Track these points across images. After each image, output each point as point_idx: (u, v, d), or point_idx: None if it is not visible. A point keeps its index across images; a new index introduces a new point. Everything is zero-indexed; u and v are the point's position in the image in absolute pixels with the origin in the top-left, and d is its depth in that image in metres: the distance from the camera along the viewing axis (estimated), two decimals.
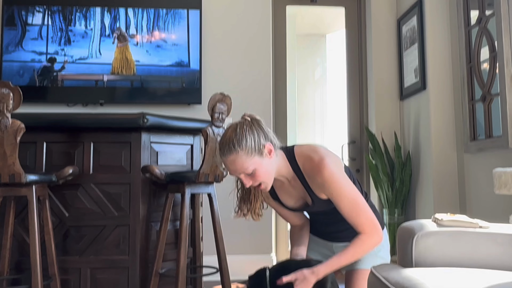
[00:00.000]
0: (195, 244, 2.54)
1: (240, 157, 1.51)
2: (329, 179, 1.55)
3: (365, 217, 1.59)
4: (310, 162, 1.59)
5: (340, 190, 1.57)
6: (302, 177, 1.63)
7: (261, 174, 1.55)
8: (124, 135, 2.33)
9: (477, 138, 2.89)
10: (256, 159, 1.53)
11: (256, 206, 1.68)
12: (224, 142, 1.54)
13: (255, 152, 1.52)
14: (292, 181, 1.66)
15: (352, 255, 1.59)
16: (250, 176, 1.55)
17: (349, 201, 1.57)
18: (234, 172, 1.56)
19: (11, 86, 1.97)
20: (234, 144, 1.51)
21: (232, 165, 1.53)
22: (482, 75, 2.86)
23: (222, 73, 3.65)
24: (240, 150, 1.51)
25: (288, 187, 1.69)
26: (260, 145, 1.54)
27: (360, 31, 3.93)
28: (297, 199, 1.70)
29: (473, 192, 2.90)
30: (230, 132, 1.55)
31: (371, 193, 3.70)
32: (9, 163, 1.95)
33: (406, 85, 3.55)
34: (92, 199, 2.30)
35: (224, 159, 1.55)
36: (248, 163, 1.51)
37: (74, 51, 3.52)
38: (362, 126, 3.83)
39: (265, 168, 1.55)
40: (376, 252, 1.71)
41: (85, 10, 3.54)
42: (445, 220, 1.45)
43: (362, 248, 1.59)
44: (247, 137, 1.52)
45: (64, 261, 2.24)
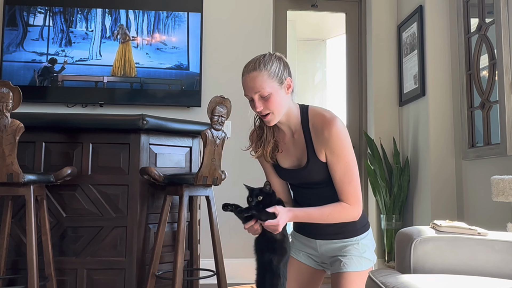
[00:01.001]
0: (192, 247, 2.53)
1: (262, 76, 1.55)
2: (335, 135, 1.57)
3: (354, 187, 1.60)
4: (321, 118, 1.62)
5: (342, 150, 1.58)
6: (308, 132, 1.64)
7: (274, 102, 1.57)
8: (123, 137, 2.33)
9: (475, 145, 2.89)
10: (275, 85, 1.57)
11: (268, 147, 1.69)
12: (251, 61, 1.60)
13: (276, 78, 1.57)
14: (295, 135, 1.67)
15: (327, 215, 1.59)
16: (263, 100, 1.57)
17: (345, 165, 1.59)
18: (250, 90, 1.58)
19: (11, 85, 1.97)
20: (260, 63, 1.57)
21: (252, 82, 1.56)
22: (481, 82, 2.87)
23: (222, 76, 3.65)
24: (264, 69, 1.56)
25: (289, 141, 1.69)
26: (283, 76, 1.59)
27: (360, 37, 3.95)
28: (294, 158, 1.69)
29: (470, 199, 2.91)
30: (259, 56, 1.62)
31: (368, 199, 3.70)
32: (8, 162, 1.94)
33: (405, 91, 3.56)
34: (90, 200, 2.29)
35: (246, 76, 1.58)
36: (267, 85, 1.55)
37: (75, 52, 3.52)
38: (361, 131, 3.84)
39: (280, 98, 1.58)
40: (361, 253, 1.69)
41: (86, 11, 3.55)
42: (443, 226, 1.45)
43: (339, 214, 1.60)
44: (273, 62, 1.59)
45: (60, 262, 2.23)
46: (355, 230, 1.70)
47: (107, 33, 3.56)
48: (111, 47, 3.56)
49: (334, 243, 1.71)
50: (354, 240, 1.70)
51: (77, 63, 3.51)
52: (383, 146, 3.57)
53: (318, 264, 1.81)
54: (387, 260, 3.35)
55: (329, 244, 1.72)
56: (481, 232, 1.43)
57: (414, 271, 1.41)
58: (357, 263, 1.66)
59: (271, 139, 1.70)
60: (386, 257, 3.36)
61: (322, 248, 1.75)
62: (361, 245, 1.70)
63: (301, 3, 3.96)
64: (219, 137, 2.21)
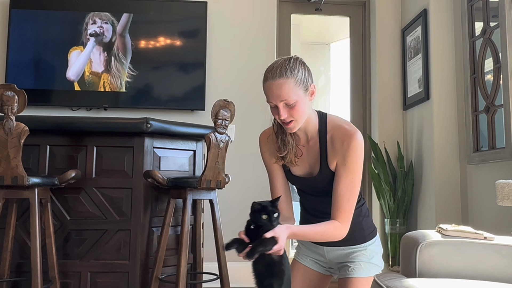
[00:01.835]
0: (196, 250, 2.53)
1: (289, 83, 1.50)
2: (353, 149, 1.54)
3: (350, 206, 1.57)
4: (342, 130, 1.58)
5: (353, 165, 1.55)
6: (324, 141, 1.61)
7: (299, 110, 1.53)
8: (127, 140, 2.33)
9: (480, 149, 2.88)
10: (301, 92, 1.52)
11: (292, 152, 1.64)
12: (275, 67, 1.53)
13: (302, 85, 1.53)
14: (311, 142, 1.64)
15: (320, 234, 1.56)
16: (288, 108, 1.52)
17: (351, 181, 1.56)
18: (276, 98, 1.52)
19: (16, 89, 1.97)
20: (287, 70, 1.51)
21: (278, 90, 1.50)
22: (486, 86, 2.86)
23: (226, 80, 3.66)
24: (291, 76, 1.50)
25: (303, 147, 1.66)
26: (308, 82, 1.55)
27: (364, 41, 3.94)
28: (306, 165, 1.66)
29: (475, 203, 2.89)
30: (282, 60, 1.55)
31: (373, 203, 3.69)
32: (12, 165, 1.95)
33: (409, 95, 3.56)
34: (94, 203, 2.29)
35: (271, 82, 1.51)
36: (293, 93, 1.50)
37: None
38: (364, 135, 3.83)
39: (304, 106, 1.54)
40: (369, 259, 1.68)
41: (92, 15, 3.56)
42: (449, 230, 1.44)
43: (331, 234, 1.56)
44: (299, 68, 1.53)
45: (64, 265, 2.23)
46: (362, 237, 1.70)
47: (109, 37, 3.57)
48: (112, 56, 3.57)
49: (342, 250, 1.70)
50: (362, 246, 1.69)
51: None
52: (387, 150, 3.56)
53: (326, 270, 1.80)
54: (391, 265, 3.33)
55: (336, 250, 1.71)
56: (488, 237, 1.42)
57: (420, 275, 1.40)
58: (365, 269, 1.65)
59: (294, 144, 1.65)
60: (390, 261, 3.34)
61: (330, 255, 1.74)
62: (369, 251, 1.69)
63: (305, 7, 3.97)
64: (223, 140, 2.21)
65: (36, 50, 3.50)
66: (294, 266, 1.82)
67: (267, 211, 1.47)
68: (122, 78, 3.53)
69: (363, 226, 1.71)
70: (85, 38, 3.54)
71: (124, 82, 3.52)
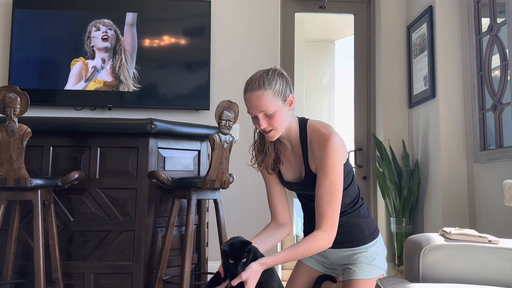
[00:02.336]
0: (200, 250, 2.53)
1: (267, 95, 1.56)
2: (328, 152, 1.57)
3: (333, 210, 1.56)
4: (318, 133, 1.63)
5: (331, 168, 1.57)
6: (305, 145, 1.66)
7: (278, 120, 1.58)
8: (132, 140, 2.33)
9: (487, 148, 2.85)
10: (279, 103, 1.58)
11: (269, 159, 1.71)
12: (254, 79, 1.60)
13: (280, 96, 1.58)
14: (295, 148, 1.69)
15: (302, 253, 1.56)
16: (268, 118, 1.58)
17: (330, 184, 1.57)
18: (255, 109, 1.58)
19: (19, 90, 1.97)
20: (265, 82, 1.57)
21: (256, 101, 1.56)
22: (493, 84, 2.82)
23: (230, 78, 3.64)
24: (269, 88, 1.57)
25: (290, 154, 1.71)
26: (286, 93, 1.60)
27: (369, 38, 3.91)
28: (295, 170, 1.71)
29: (482, 203, 2.86)
30: (261, 73, 1.61)
31: (378, 202, 3.67)
32: (15, 167, 1.95)
33: (415, 93, 3.52)
34: (97, 204, 2.29)
35: (250, 94, 1.58)
36: (272, 104, 1.56)
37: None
38: (369, 133, 3.80)
39: (283, 115, 1.60)
40: (370, 261, 1.67)
41: (94, 22, 3.56)
42: (453, 234, 1.42)
43: (314, 247, 1.56)
44: (277, 80, 1.59)
45: (68, 266, 2.24)
46: (363, 238, 1.69)
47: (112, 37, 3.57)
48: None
49: (344, 251, 1.70)
50: (363, 248, 1.68)
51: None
52: (392, 148, 3.53)
53: (330, 271, 1.80)
54: (397, 264, 3.31)
55: (338, 252, 1.71)
56: (492, 240, 1.40)
57: (423, 280, 1.38)
58: (366, 271, 1.64)
59: (272, 151, 1.71)
60: (397, 261, 3.32)
61: (333, 256, 1.74)
62: (370, 252, 1.68)
63: (309, 5, 3.93)
64: (227, 141, 2.20)
65: (39, 50, 3.51)
66: (298, 267, 1.83)
67: (234, 256, 1.48)
68: (128, 80, 3.52)
69: (363, 227, 1.70)
70: (88, 47, 3.52)
71: (130, 83, 3.52)
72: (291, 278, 1.82)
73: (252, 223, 3.50)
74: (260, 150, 1.73)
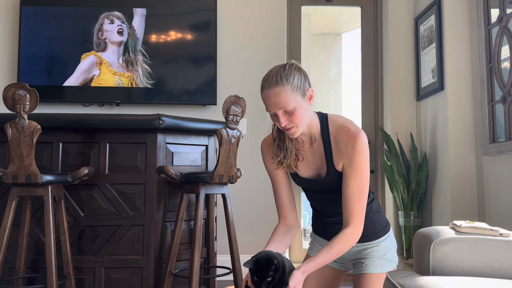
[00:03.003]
0: (209, 244, 2.54)
1: (286, 91, 1.50)
2: (359, 150, 1.54)
3: (362, 207, 1.56)
4: (345, 130, 1.58)
5: (361, 165, 1.55)
6: (328, 142, 1.61)
7: (299, 116, 1.53)
8: (140, 136, 2.34)
9: (496, 140, 2.83)
10: (298, 98, 1.52)
11: (291, 157, 1.65)
12: (271, 75, 1.54)
13: (299, 90, 1.53)
14: (314, 144, 1.65)
15: (337, 253, 1.55)
16: (288, 115, 1.53)
17: (360, 181, 1.55)
18: (274, 107, 1.53)
19: (28, 87, 1.99)
20: (282, 78, 1.51)
21: (275, 98, 1.51)
22: (502, 75, 2.79)
23: (237, 73, 3.64)
24: (287, 84, 1.51)
25: (308, 150, 1.66)
26: (305, 87, 1.55)
27: (376, 30, 3.88)
28: (313, 167, 1.67)
29: (492, 196, 2.85)
30: (278, 68, 1.55)
31: (386, 195, 3.66)
32: (26, 163, 1.97)
33: (423, 85, 3.50)
34: (107, 199, 2.31)
35: (267, 91, 1.52)
36: (291, 99, 1.51)
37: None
38: (376, 126, 3.79)
39: (303, 111, 1.54)
40: (383, 255, 1.66)
41: (105, 15, 3.57)
42: (463, 227, 1.42)
43: (348, 245, 1.55)
44: (295, 74, 1.53)
45: (79, 261, 2.26)
46: (375, 233, 1.68)
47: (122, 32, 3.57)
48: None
49: (355, 247, 1.69)
50: (375, 242, 1.68)
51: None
52: (400, 142, 3.52)
53: (340, 265, 1.80)
54: (405, 258, 3.31)
55: (350, 248, 1.70)
56: (504, 233, 1.39)
57: (433, 273, 1.38)
58: (378, 265, 1.64)
59: (293, 149, 1.65)
60: (405, 254, 3.32)
61: (344, 252, 1.73)
62: (382, 247, 1.67)
63: None
64: (234, 136, 2.20)
65: (47, 46, 3.52)
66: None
67: (259, 275, 1.44)
68: (141, 75, 3.53)
69: (375, 222, 1.69)
70: (100, 39, 3.53)
71: (143, 79, 3.52)
72: None
73: (259, 217, 3.51)
74: (281, 146, 1.65)
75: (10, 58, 3.55)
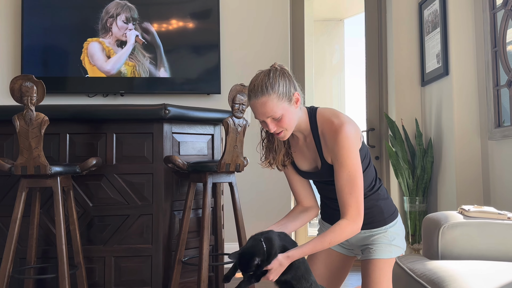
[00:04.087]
0: (217, 232, 2.56)
1: (272, 100, 1.53)
2: (340, 144, 1.56)
3: (355, 199, 1.56)
4: (329, 124, 1.60)
5: (346, 160, 1.56)
6: (317, 136, 1.64)
7: (287, 121, 1.56)
8: (146, 126, 2.35)
9: (502, 125, 2.82)
10: (285, 104, 1.55)
11: (280, 156, 1.70)
12: (256, 84, 1.56)
13: (285, 97, 1.55)
14: (307, 139, 1.68)
15: (329, 242, 1.56)
16: (276, 121, 1.56)
17: (348, 175, 1.56)
18: (262, 115, 1.56)
19: (35, 79, 1.99)
20: (267, 87, 1.53)
21: (262, 108, 1.54)
22: (507, 59, 2.78)
23: (240, 61, 3.63)
24: (272, 93, 1.53)
25: (303, 145, 1.70)
26: (290, 92, 1.57)
27: (379, 15, 3.85)
28: (310, 161, 1.70)
29: (497, 180, 2.85)
30: (262, 76, 1.57)
31: (391, 181, 3.67)
32: (34, 155, 1.98)
33: (427, 71, 3.48)
34: (115, 189, 2.33)
35: (254, 101, 1.55)
36: (278, 107, 1.54)
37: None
38: (381, 112, 3.79)
39: (291, 115, 1.57)
40: (391, 241, 1.68)
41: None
42: (472, 212, 1.43)
43: (341, 236, 1.56)
44: (279, 82, 1.55)
45: (88, 250, 2.29)
46: (382, 220, 1.69)
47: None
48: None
49: (363, 233, 1.70)
50: (383, 229, 1.69)
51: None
52: (405, 128, 3.52)
53: (349, 251, 1.81)
54: (411, 243, 3.33)
55: (358, 234, 1.71)
56: (511, 217, 1.40)
57: (442, 257, 1.39)
58: (386, 251, 1.65)
59: (282, 147, 1.69)
60: (410, 239, 3.34)
61: (352, 238, 1.74)
62: (390, 233, 1.68)
63: None
64: (241, 124, 2.21)
65: (50, 37, 3.52)
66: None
67: (242, 267, 1.46)
68: (142, 63, 3.53)
69: (383, 208, 1.70)
70: (107, 26, 3.52)
71: (146, 68, 3.52)
72: (309, 259, 1.84)
73: (266, 204, 3.53)
74: (270, 148, 1.70)
75: (13, 50, 3.55)
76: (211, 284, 2.49)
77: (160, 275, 2.31)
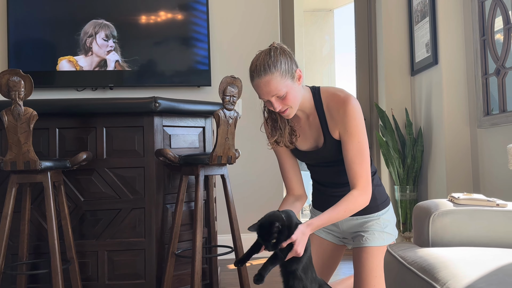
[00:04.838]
0: (210, 224, 2.57)
1: (275, 78, 1.53)
2: (350, 114, 1.58)
3: (365, 169, 1.59)
4: (335, 98, 1.62)
5: (355, 129, 1.59)
6: (322, 112, 1.65)
7: (291, 98, 1.57)
8: (137, 119, 2.33)
9: (490, 113, 2.85)
10: (288, 82, 1.56)
11: (285, 132, 1.69)
12: (258, 64, 1.56)
13: (288, 74, 1.56)
14: (310, 117, 1.69)
15: (344, 211, 1.58)
16: (281, 100, 1.57)
17: (358, 145, 1.59)
18: (266, 95, 1.56)
19: (22, 73, 1.97)
20: (270, 66, 1.54)
21: (266, 87, 1.54)
22: (496, 48, 2.80)
23: (230, 52, 3.61)
24: (275, 71, 1.53)
25: (305, 124, 1.70)
26: (292, 69, 1.57)
27: (369, 5, 3.85)
28: (311, 140, 1.71)
29: (486, 168, 2.89)
30: (263, 55, 1.57)
31: (381, 170, 3.70)
32: (24, 150, 1.97)
33: (417, 60, 3.50)
34: (106, 183, 2.32)
35: (258, 80, 1.55)
36: (282, 85, 1.54)
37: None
38: (371, 102, 3.80)
39: (295, 92, 1.58)
40: (383, 228, 1.70)
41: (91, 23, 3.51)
42: (461, 199, 1.45)
43: (354, 206, 1.58)
44: (281, 59, 1.55)
45: (81, 245, 2.28)
46: (375, 206, 1.71)
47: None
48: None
49: (356, 220, 1.72)
50: (375, 216, 1.71)
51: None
52: (395, 117, 3.54)
53: (339, 240, 1.83)
54: (402, 231, 3.37)
55: (350, 220, 1.73)
56: (500, 204, 1.42)
57: (433, 245, 1.41)
58: (379, 238, 1.67)
59: (286, 125, 1.69)
60: (401, 227, 3.38)
61: (344, 225, 1.76)
62: (383, 220, 1.71)
63: None
64: (232, 116, 2.21)
65: (36, 30, 3.47)
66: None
67: (263, 238, 1.47)
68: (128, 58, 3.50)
69: (376, 195, 1.72)
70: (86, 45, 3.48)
71: (131, 61, 3.49)
72: None
73: (258, 196, 3.54)
74: (274, 126, 1.70)
75: None
76: (205, 276, 2.50)
77: (153, 268, 2.31)
